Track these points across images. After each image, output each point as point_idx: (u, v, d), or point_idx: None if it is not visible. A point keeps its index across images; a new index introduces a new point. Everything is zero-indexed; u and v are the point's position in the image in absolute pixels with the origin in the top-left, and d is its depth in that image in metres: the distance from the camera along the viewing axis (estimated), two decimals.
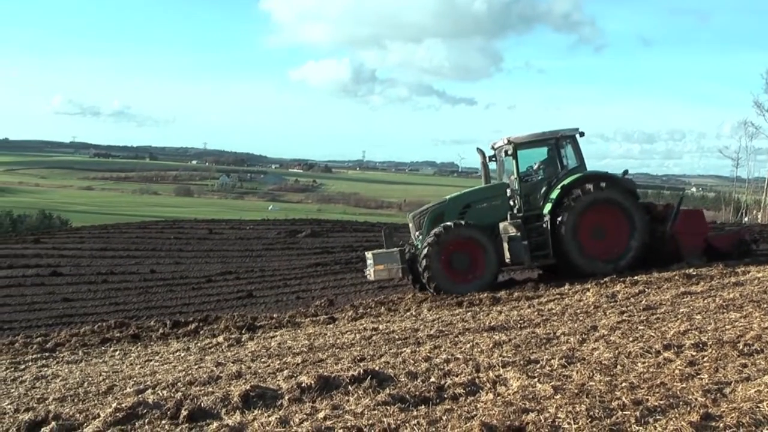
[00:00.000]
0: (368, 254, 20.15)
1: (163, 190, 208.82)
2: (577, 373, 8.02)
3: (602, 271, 18.32)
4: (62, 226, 59.32)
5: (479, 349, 10.21)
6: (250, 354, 12.70)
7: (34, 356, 15.65)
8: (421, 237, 19.71)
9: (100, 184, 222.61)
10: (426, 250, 18.75)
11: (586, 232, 19.12)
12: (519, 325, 12.39)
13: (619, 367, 8.23)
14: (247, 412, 7.61)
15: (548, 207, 19.30)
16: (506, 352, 9.69)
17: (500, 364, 8.73)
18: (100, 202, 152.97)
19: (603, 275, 17.81)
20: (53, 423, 7.82)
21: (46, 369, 13.86)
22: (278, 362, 11.29)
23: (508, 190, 19.80)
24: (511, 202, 19.76)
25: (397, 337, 12.55)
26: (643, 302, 13.50)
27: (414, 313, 16.12)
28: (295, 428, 6.78)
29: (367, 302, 18.96)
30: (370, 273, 19.76)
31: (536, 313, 13.76)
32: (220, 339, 15.26)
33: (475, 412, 6.86)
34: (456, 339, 11.61)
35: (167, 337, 16.85)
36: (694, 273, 16.55)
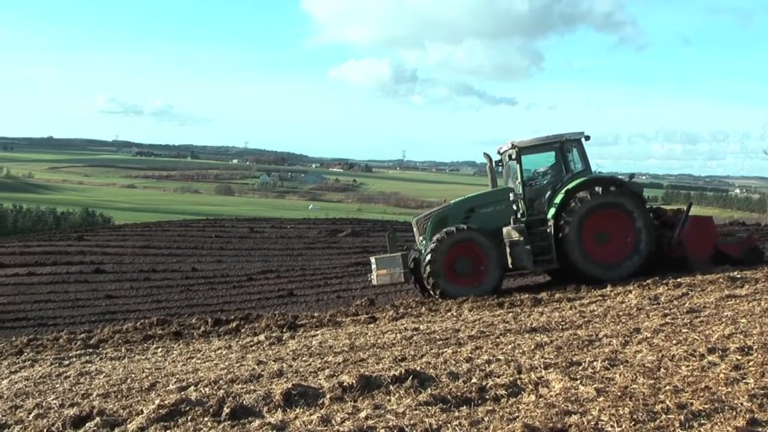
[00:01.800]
0: (372, 259, 20.15)
1: (204, 188, 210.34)
2: (620, 375, 7.96)
3: (606, 277, 18.12)
4: (105, 224, 59.98)
5: (521, 351, 10.16)
6: (291, 352, 12.72)
7: (77, 352, 15.82)
8: (424, 242, 19.65)
9: (143, 182, 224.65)
10: (429, 255, 18.68)
11: (590, 237, 18.88)
12: (561, 327, 12.32)
13: (662, 370, 8.15)
14: (288, 410, 7.64)
15: (552, 211, 19.15)
16: (548, 354, 9.64)
17: (542, 366, 8.69)
18: (142, 200, 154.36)
19: (611, 280, 17.69)
20: (97, 418, 7.93)
21: (89, 365, 14.00)
22: (319, 361, 11.30)
23: (511, 195, 19.61)
24: (515, 207, 19.57)
25: (438, 337, 12.52)
26: (686, 305, 13.34)
27: (455, 314, 16.07)
28: (336, 427, 6.79)
29: (407, 302, 18.90)
30: (374, 278, 19.79)
31: (578, 314, 13.66)
32: (262, 337, 15.29)
33: (517, 414, 6.84)
34: (497, 340, 11.57)
35: (209, 335, 16.93)
36: (739, 276, 16.35)
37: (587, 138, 19.85)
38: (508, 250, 18.65)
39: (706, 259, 18.85)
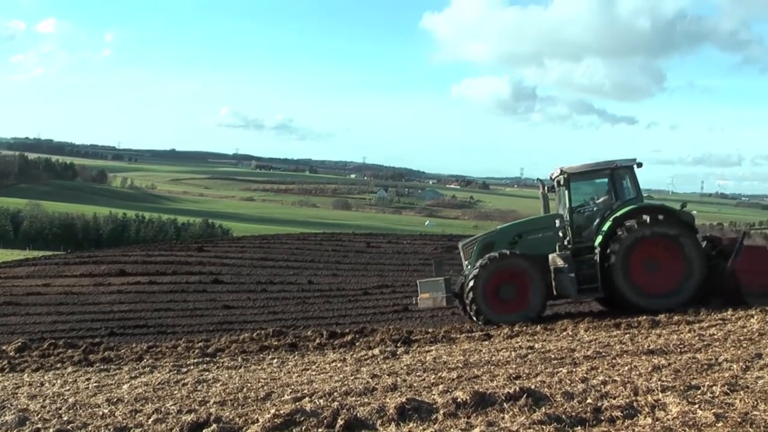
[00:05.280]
0: (418, 282, 20.22)
1: (321, 202, 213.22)
2: (740, 401, 7.77)
3: (654, 307, 17.65)
4: (224, 236, 61.29)
5: (637, 372, 10.01)
6: (405, 367, 12.79)
7: (195, 360, 16.23)
8: (470, 267, 19.51)
9: (261, 195, 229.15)
10: (472, 282, 18.65)
11: (638, 266, 18.50)
12: (679, 350, 12.09)
13: None
14: (402, 424, 7.70)
15: (599, 239, 18.87)
16: (665, 377, 9.47)
17: (659, 389, 8.54)
18: (261, 213, 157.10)
19: (660, 311, 17.19)
20: (214, 425, 8.15)
21: (207, 373, 14.34)
22: (433, 376, 11.35)
23: (557, 221, 19.18)
24: (561, 234, 19.20)
25: (553, 356, 12.43)
26: None
27: (570, 333, 15.93)
28: None
29: None
30: (417, 300, 19.80)
31: (697, 337, 13.38)
32: (376, 351, 15.40)
33: None
34: (613, 361, 11.42)
35: (324, 348, 17.16)
36: None
37: (639, 165, 19.60)
38: (552, 276, 18.51)
39: (759, 291, 17.84)
